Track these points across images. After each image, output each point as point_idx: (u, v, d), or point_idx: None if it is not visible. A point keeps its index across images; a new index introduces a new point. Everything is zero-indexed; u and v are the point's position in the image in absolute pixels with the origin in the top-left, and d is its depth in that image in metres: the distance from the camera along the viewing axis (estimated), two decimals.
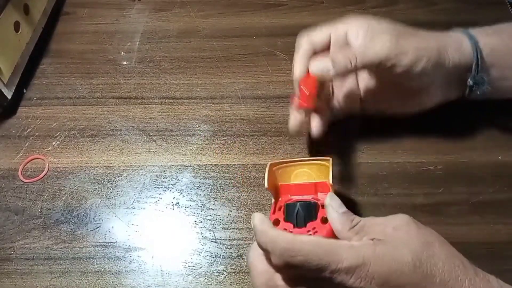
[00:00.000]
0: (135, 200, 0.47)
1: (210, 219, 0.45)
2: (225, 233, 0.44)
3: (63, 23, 0.64)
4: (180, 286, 0.42)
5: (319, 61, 0.42)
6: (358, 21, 0.44)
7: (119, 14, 0.64)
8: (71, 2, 0.66)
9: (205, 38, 0.60)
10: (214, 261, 0.43)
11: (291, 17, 0.62)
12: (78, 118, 0.53)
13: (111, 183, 0.48)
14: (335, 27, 0.44)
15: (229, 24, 0.62)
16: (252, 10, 0.63)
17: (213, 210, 0.46)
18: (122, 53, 0.60)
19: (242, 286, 0.41)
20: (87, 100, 0.55)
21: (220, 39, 0.60)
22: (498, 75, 0.44)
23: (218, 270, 0.42)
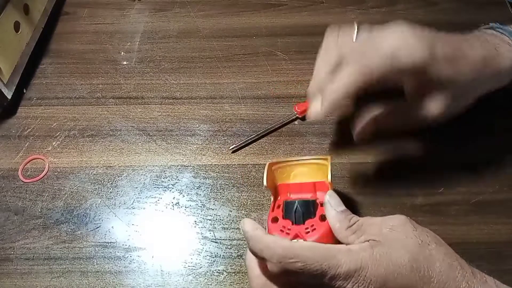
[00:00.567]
0: (135, 200, 0.47)
1: (210, 219, 0.45)
2: (225, 233, 0.44)
3: (63, 23, 0.63)
4: (180, 286, 0.42)
5: (316, 101, 0.40)
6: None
7: (119, 14, 0.64)
8: (71, 2, 0.66)
9: (205, 38, 0.60)
10: (214, 261, 0.43)
11: (291, 17, 0.62)
12: (78, 118, 0.53)
13: (111, 183, 0.48)
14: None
15: (229, 24, 0.62)
16: (252, 10, 0.63)
17: (213, 210, 0.46)
18: (122, 53, 0.60)
19: (242, 286, 0.41)
20: (87, 100, 0.55)
21: (220, 39, 0.60)
22: None
23: (218, 270, 0.42)
